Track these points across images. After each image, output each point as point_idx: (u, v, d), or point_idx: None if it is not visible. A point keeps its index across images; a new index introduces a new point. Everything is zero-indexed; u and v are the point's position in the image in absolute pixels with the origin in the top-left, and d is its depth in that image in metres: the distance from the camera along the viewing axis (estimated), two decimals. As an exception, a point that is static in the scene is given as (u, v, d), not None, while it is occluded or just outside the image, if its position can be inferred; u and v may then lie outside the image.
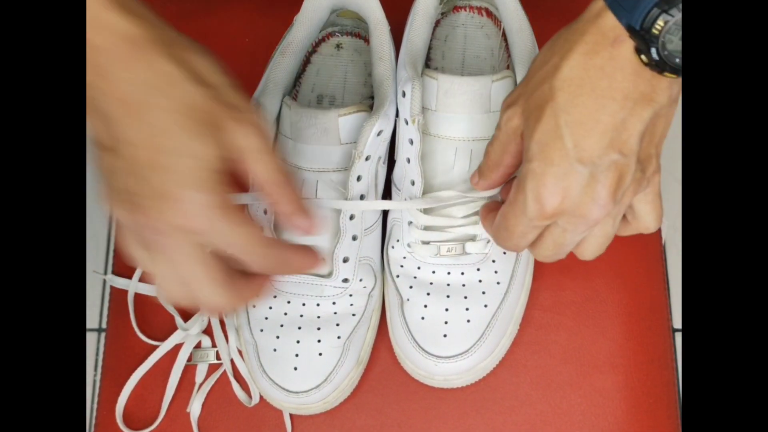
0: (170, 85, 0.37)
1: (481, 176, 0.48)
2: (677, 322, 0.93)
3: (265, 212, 0.52)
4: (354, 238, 0.53)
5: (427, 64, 0.58)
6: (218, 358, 0.56)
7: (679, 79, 0.38)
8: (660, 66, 0.37)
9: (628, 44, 0.37)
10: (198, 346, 0.57)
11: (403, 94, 0.51)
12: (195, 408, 0.56)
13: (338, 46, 0.59)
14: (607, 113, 0.38)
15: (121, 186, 0.37)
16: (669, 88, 0.38)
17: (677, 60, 0.36)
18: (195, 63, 0.38)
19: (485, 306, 0.52)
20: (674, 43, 0.36)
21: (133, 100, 0.36)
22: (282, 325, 0.52)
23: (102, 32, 0.36)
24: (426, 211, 0.53)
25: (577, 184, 0.39)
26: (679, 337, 0.93)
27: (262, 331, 0.53)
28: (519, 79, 0.52)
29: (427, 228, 0.53)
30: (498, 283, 0.53)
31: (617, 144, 0.38)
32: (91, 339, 1.01)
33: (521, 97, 0.41)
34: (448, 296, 0.52)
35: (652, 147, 0.40)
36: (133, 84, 0.36)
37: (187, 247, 0.38)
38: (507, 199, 0.42)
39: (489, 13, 0.59)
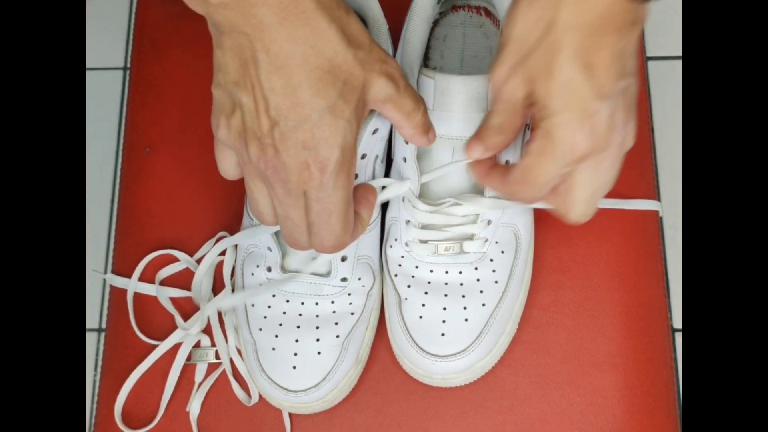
0: (324, 42, 0.39)
1: (488, 142, 0.47)
2: (677, 321, 0.93)
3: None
4: (353, 237, 0.53)
5: (426, 63, 0.58)
6: (217, 357, 0.56)
7: None
8: None
9: None
10: (197, 345, 0.57)
11: (402, 94, 0.51)
12: (194, 407, 0.56)
13: (337, 46, 0.59)
14: (610, 46, 0.40)
15: (253, 125, 0.40)
16: (647, 6, 0.41)
17: None
18: (349, 25, 0.40)
19: (483, 305, 0.52)
20: None
21: (282, 53, 0.38)
22: (281, 324, 0.52)
23: None
24: (424, 211, 0.53)
25: (602, 119, 0.41)
26: (679, 336, 0.93)
27: (261, 330, 0.53)
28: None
29: (425, 227, 0.53)
30: (496, 282, 0.53)
31: (624, 70, 0.41)
32: (91, 339, 1.01)
33: (518, 67, 0.42)
34: (446, 295, 0.52)
35: (635, 60, 0.43)
36: (288, 39, 0.38)
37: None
38: (526, 153, 0.43)
39: (488, 13, 0.59)
